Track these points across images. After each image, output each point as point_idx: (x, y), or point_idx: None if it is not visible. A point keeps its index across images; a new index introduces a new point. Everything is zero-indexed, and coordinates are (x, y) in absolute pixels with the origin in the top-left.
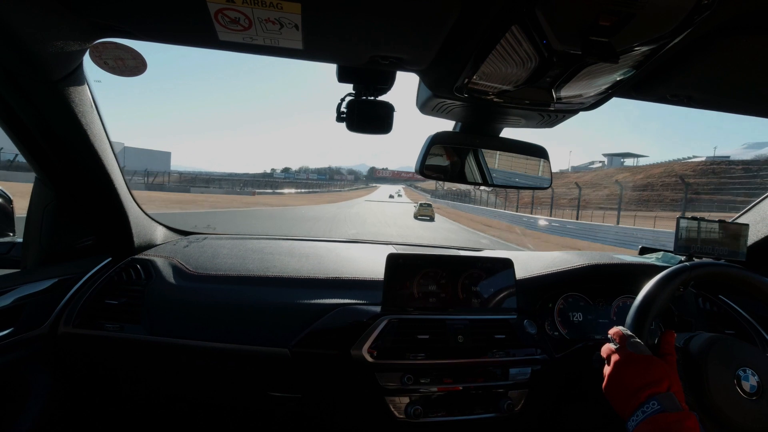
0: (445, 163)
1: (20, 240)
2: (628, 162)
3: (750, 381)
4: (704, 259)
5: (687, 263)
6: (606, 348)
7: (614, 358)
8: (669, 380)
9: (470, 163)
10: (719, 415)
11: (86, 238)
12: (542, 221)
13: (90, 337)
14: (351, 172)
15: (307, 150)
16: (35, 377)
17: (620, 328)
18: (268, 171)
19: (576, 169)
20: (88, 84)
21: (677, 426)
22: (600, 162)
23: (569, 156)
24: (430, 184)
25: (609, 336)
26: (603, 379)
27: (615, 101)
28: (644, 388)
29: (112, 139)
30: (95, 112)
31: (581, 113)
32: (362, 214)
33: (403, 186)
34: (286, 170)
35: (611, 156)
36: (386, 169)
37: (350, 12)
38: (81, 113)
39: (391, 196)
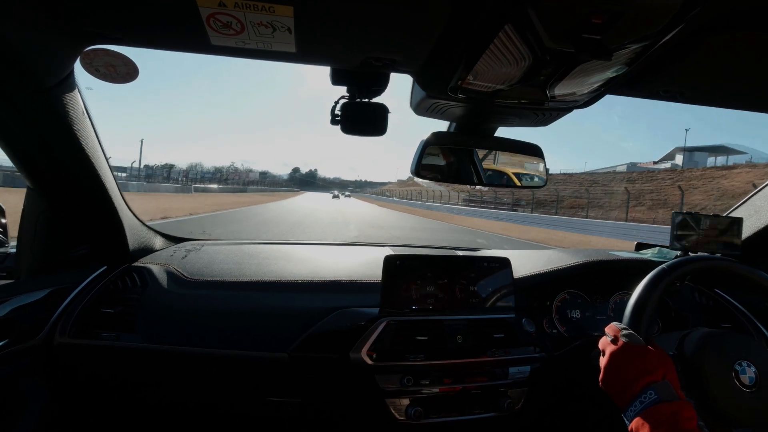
0: (441, 164)
1: (13, 250)
2: (711, 160)
3: (748, 373)
4: (699, 254)
5: (681, 258)
6: (602, 341)
7: (610, 348)
8: (664, 368)
9: (465, 163)
10: (722, 413)
11: (80, 247)
12: None
13: (86, 346)
14: (263, 173)
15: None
16: (31, 389)
17: (616, 323)
18: (136, 166)
19: (632, 169)
20: (79, 91)
21: (675, 416)
22: (669, 162)
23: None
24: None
25: (605, 331)
26: (600, 372)
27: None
28: (640, 377)
29: None
30: (87, 119)
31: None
32: None
33: (338, 191)
34: (169, 167)
35: (688, 151)
36: None
37: (343, 14)
38: (73, 121)
39: (335, 197)
